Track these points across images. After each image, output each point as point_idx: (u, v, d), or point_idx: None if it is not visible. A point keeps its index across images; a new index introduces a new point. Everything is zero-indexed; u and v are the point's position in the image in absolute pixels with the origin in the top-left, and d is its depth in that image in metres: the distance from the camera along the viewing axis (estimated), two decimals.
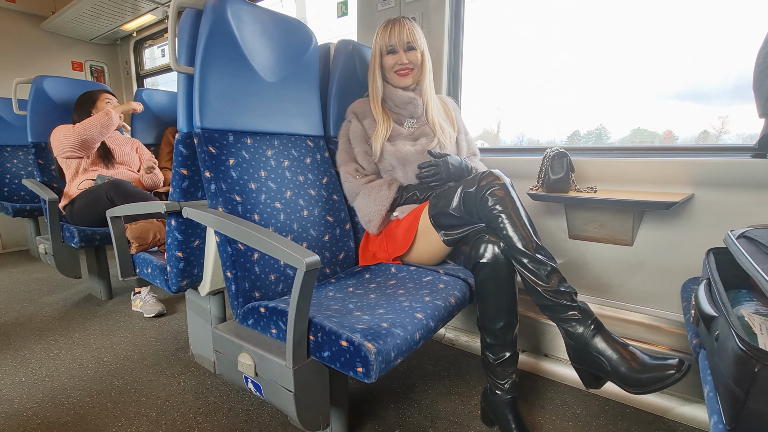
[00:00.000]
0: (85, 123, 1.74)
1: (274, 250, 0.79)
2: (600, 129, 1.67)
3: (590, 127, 1.68)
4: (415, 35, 1.21)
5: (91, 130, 1.73)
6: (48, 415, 1.13)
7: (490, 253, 0.98)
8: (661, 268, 1.22)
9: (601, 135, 1.67)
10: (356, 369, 0.73)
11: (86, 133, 1.73)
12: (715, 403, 0.58)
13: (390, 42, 1.21)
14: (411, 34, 1.20)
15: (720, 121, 1.36)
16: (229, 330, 0.93)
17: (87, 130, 1.73)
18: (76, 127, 1.73)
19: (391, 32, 1.20)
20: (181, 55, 0.99)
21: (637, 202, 1.13)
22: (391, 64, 1.23)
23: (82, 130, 1.72)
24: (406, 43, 1.21)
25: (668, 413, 1.12)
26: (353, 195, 1.25)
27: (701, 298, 0.69)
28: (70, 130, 1.73)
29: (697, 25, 1.36)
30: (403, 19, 1.22)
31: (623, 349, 0.84)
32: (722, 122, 1.36)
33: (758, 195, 1.06)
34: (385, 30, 1.21)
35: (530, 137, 1.89)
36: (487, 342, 1.02)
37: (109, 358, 1.44)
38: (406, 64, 1.22)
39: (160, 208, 1.06)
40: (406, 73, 1.24)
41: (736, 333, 0.51)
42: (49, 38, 3.15)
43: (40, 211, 2.46)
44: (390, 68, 1.24)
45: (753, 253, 0.64)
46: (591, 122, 1.68)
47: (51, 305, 1.92)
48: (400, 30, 1.20)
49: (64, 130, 1.74)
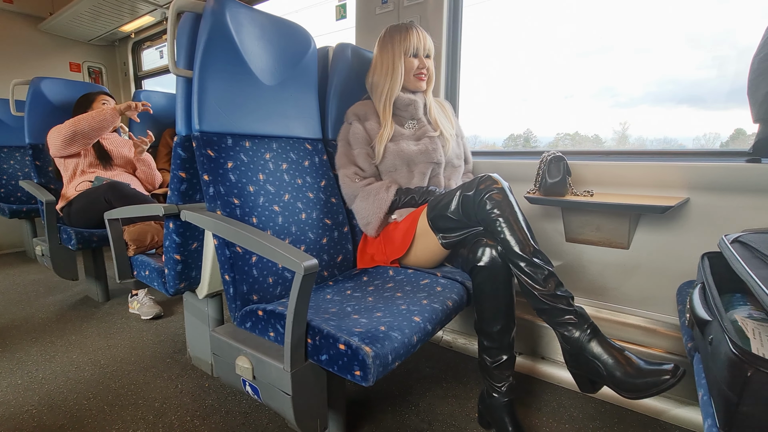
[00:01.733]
0: (79, 116, 1.71)
1: (272, 253, 0.79)
2: (527, 133, 1.83)
3: (519, 130, 1.84)
4: (432, 44, 1.29)
5: (83, 123, 1.69)
6: (44, 418, 1.13)
7: (487, 257, 0.99)
8: (657, 272, 1.22)
9: (528, 139, 1.82)
10: (354, 372, 0.73)
11: (78, 125, 1.68)
12: (709, 406, 0.58)
13: (416, 45, 1.25)
14: (430, 42, 1.28)
15: (621, 125, 1.55)
16: (227, 333, 0.93)
17: (80, 122, 1.69)
18: (70, 120, 1.70)
19: (416, 37, 1.24)
20: (180, 58, 1.00)
21: (633, 206, 1.14)
22: (413, 68, 1.26)
23: (75, 121, 1.69)
24: (428, 49, 1.27)
25: (663, 416, 1.13)
26: (352, 198, 1.25)
27: (695, 302, 0.70)
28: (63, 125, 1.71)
29: None
30: (419, 27, 1.26)
31: (619, 353, 0.85)
32: (623, 126, 1.55)
33: (752, 199, 1.07)
34: (408, 34, 1.24)
35: (483, 139, 2.01)
36: (485, 345, 1.03)
37: (106, 360, 1.43)
38: (425, 69, 1.28)
39: (158, 211, 1.06)
40: (424, 77, 1.29)
41: (729, 337, 0.51)
42: (47, 39, 3.14)
43: (37, 212, 2.45)
44: (410, 71, 1.26)
45: (746, 257, 0.64)
46: (521, 126, 1.85)
47: (47, 307, 1.91)
48: (422, 37, 1.26)
49: (57, 129, 1.72)
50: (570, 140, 1.70)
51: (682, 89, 1.41)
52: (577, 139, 1.68)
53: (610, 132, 1.58)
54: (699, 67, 1.38)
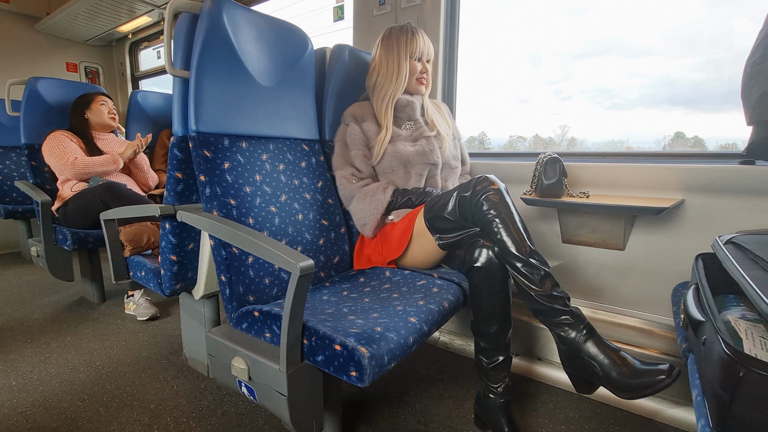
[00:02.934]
0: (88, 162, 1.75)
1: (268, 254, 0.79)
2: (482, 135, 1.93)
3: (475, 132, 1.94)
4: (433, 48, 1.30)
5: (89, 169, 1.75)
6: (39, 419, 1.12)
7: (484, 258, 0.99)
8: (652, 273, 1.23)
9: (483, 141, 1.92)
10: (350, 373, 0.73)
11: (84, 170, 1.74)
12: (703, 406, 0.58)
13: (421, 50, 1.25)
14: (432, 46, 1.29)
15: (561, 129, 1.66)
16: (223, 334, 0.93)
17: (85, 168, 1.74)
18: (77, 162, 1.73)
19: (422, 41, 1.25)
20: (176, 59, 1.00)
21: (628, 207, 1.14)
22: (417, 71, 1.27)
23: (82, 168, 1.73)
24: (430, 54, 1.29)
25: (658, 416, 1.13)
26: (348, 199, 1.25)
27: (689, 302, 0.70)
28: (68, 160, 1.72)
29: None
30: (422, 31, 1.27)
31: (615, 354, 0.85)
32: (563, 129, 1.65)
33: (746, 201, 1.07)
34: (415, 37, 1.24)
35: None
36: (481, 346, 1.03)
37: (102, 361, 1.43)
38: (426, 73, 1.29)
39: (154, 212, 1.06)
40: (425, 81, 1.30)
41: (722, 338, 0.52)
42: (43, 39, 3.13)
43: (32, 212, 2.44)
44: (413, 74, 1.27)
45: (739, 259, 0.65)
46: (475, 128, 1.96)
47: (42, 308, 1.90)
48: (427, 41, 1.27)
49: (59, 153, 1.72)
50: (523, 142, 1.81)
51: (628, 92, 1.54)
52: (530, 141, 1.79)
53: (553, 134, 1.71)
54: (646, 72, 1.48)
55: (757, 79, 0.93)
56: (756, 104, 0.96)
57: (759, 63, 0.93)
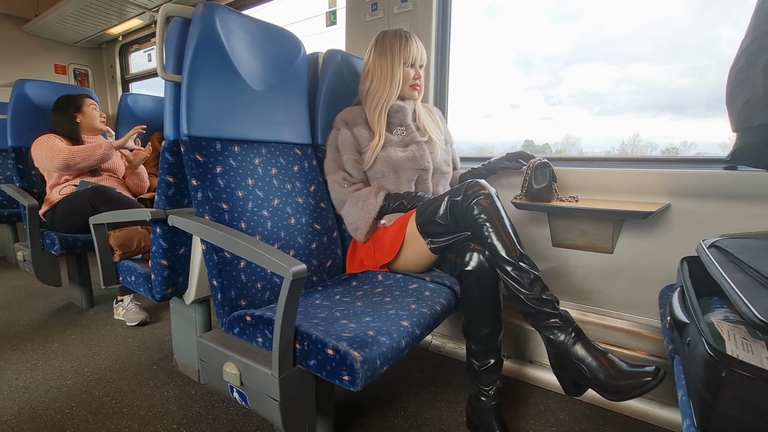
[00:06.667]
0: (77, 150, 1.71)
1: (260, 258, 0.79)
2: None
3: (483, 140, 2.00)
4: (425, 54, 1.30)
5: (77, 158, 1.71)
6: (25, 428, 1.10)
7: (475, 261, 1.00)
8: (640, 276, 1.25)
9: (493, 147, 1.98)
10: (342, 377, 0.73)
11: (72, 160, 1.70)
12: (688, 407, 0.60)
13: (414, 56, 1.26)
14: (425, 52, 1.29)
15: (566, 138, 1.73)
16: (215, 339, 0.92)
17: (74, 157, 1.70)
18: (65, 150, 1.69)
19: (416, 48, 1.26)
20: (168, 63, 1.00)
21: (616, 211, 1.16)
22: (410, 78, 1.28)
23: (70, 156, 1.69)
24: (423, 60, 1.29)
25: (646, 417, 1.15)
26: (341, 203, 1.26)
27: (675, 305, 0.72)
28: (56, 150, 1.69)
29: None
30: (415, 36, 1.28)
31: (602, 356, 0.86)
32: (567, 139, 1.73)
33: (730, 205, 1.10)
34: (409, 43, 1.25)
35: None
36: (473, 349, 1.04)
37: (90, 368, 1.41)
38: (419, 79, 1.30)
39: (145, 216, 1.05)
40: (418, 87, 1.30)
41: (705, 339, 0.53)
42: (31, 41, 3.09)
43: (18, 216, 2.40)
44: (407, 80, 1.28)
45: (722, 262, 0.66)
46: None
47: (29, 314, 1.87)
48: (420, 47, 1.28)
49: (48, 148, 1.69)
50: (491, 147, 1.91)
51: None
52: None
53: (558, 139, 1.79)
54: None
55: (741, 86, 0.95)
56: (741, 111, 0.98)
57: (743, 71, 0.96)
